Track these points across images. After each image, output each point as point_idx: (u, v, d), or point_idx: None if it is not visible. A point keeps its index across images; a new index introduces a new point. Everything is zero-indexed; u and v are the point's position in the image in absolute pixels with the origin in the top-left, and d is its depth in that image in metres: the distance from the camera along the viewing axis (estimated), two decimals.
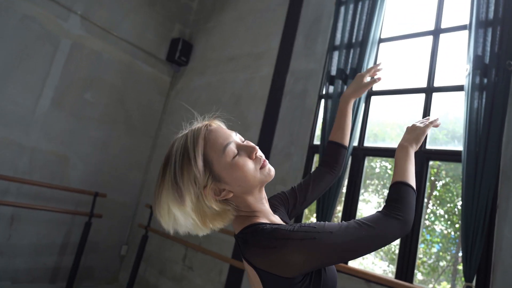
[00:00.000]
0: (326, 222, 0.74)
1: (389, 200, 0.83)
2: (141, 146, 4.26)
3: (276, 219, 0.87)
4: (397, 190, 0.84)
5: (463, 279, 2.00)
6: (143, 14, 4.19)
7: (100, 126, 3.86)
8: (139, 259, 3.44)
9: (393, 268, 2.32)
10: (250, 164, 0.79)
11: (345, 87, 2.78)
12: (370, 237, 0.72)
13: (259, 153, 0.83)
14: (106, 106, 3.90)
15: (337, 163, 1.17)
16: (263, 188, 0.86)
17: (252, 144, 0.82)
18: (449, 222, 3.08)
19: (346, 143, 1.19)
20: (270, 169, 0.83)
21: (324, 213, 2.58)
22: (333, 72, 2.91)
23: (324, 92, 2.95)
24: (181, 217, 0.78)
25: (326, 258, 0.71)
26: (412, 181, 0.86)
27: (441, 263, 3.13)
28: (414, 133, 0.99)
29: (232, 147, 0.80)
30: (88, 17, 3.70)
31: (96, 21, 3.76)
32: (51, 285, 3.51)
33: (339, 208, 2.74)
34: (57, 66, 3.51)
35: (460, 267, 2.03)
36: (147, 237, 3.50)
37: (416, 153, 0.84)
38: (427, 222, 3.22)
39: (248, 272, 0.79)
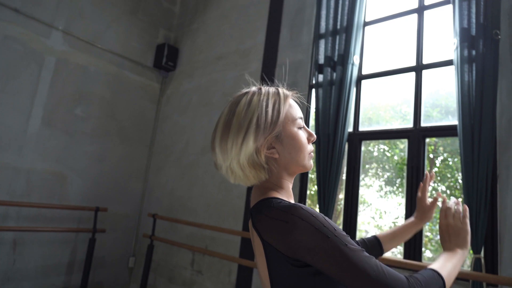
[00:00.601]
0: (349, 236, 0.72)
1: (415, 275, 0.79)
2: (137, 155, 4.24)
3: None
4: (428, 273, 0.77)
5: (471, 251, 2.00)
6: (126, 23, 4.16)
7: (94, 140, 3.83)
8: (147, 269, 3.42)
9: (401, 249, 2.32)
10: (306, 144, 0.87)
11: (334, 74, 2.77)
12: (376, 278, 0.67)
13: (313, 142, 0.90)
14: (97, 119, 3.87)
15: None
16: (294, 177, 0.90)
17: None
18: (452, 197, 3.08)
19: (386, 251, 1.15)
20: (312, 163, 0.89)
21: (326, 202, 2.57)
22: (321, 60, 2.90)
23: (314, 82, 2.94)
24: (235, 152, 0.80)
25: (327, 262, 0.68)
26: (447, 279, 0.79)
27: None
28: (460, 237, 0.95)
29: (301, 122, 0.87)
30: (70, 31, 3.66)
31: (78, 35, 3.72)
32: None
33: (341, 196, 2.72)
34: (44, 84, 3.48)
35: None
36: (152, 246, 3.47)
37: (412, 132, 0.80)
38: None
39: (254, 244, 0.81)
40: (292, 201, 0.84)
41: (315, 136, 0.89)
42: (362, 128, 2.77)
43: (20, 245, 3.28)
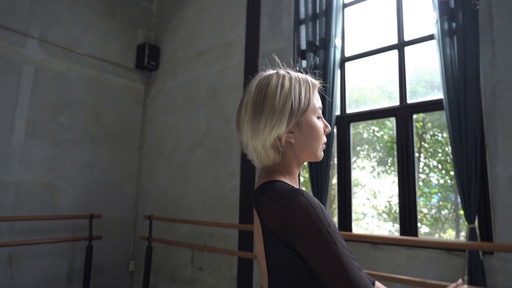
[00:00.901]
0: (343, 241, 0.72)
1: None
2: (127, 159, 4.19)
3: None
4: None
5: (466, 223, 2.01)
6: (103, 26, 4.08)
7: (82, 147, 3.78)
8: (147, 271, 3.40)
9: (398, 226, 2.33)
10: (323, 134, 0.88)
11: (317, 58, 2.75)
12: (356, 284, 0.67)
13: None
14: (83, 126, 3.81)
15: None
16: (301, 166, 0.91)
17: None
18: (443, 171, 3.11)
19: None
20: (323, 154, 0.91)
21: (319, 188, 2.57)
22: (303, 46, 2.88)
23: (297, 69, 2.91)
24: (267, 133, 0.81)
25: (312, 253, 0.69)
26: None
27: (443, 212, 3.17)
28: None
29: (320, 112, 0.89)
30: (47, 39, 3.58)
31: (55, 42, 3.64)
32: None
33: (334, 181, 2.72)
34: (24, 95, 3.41)
35: (462, 212, 2.04)
36: (151, 248, 3.45)
37: (398, 109, 0.77)
38: (422, 176, 3.24)
39: (255, 224, 0.83)
40: (297, 183, 0.86)
41: (330, 128, 0.91)
42: (349, 110, 2.76)
43: (16, 260, 3.23)
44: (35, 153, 3.43)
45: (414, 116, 2.46)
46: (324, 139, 0.89)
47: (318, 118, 0.87)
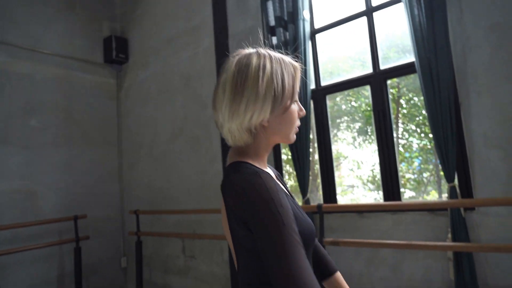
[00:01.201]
0: (294, 225, 0.70)
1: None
2: (106, 156, 4.09)
3: (268, 170, 0.89)
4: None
5: (446, 182, 2.03)
6: (65, 21, 3.90)
7: (57, 149, 3.67)
8: (139, 266, 3.38)
9: (381, 194, 2.35)
10: (297, 118, 0.87)
11: (287, 33, 2.70)
12: (294, 269, 0.64)
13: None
14: (56, 128, 3.69)
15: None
16: (272, 147, 0.90)
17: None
18: (422, 135, 3.13)
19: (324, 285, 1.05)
20: (295, 137, 0.90)
21: (301, 164, 2.56)
22: (272, 22, 2.81)
23: (268, 45, 2.86)
24: (248, 117, 0.80)
25: (260, 233, 0.69)
26: None
27: (425, 175, 3.21)
28: None
29: (297, 96, 0.87)
30: (6, 40, 3.41)
31: (16, 43, 3.47)
32: None
33: (316, 157, 2.72)
34: None
35: (443, 173, 2.06)
36: (140, 242, 3.42)
37: (372, 77, 0.74)
38: (402, 141, 3.26)
39: (221, 205, 0.83)
40: (264, 169, 0.83)
41: (304, 111, 0.89)
42: (324, 82, 2.74)
43: (3, 270, 3.15)
44: (8, 159, 3.32)
45: (388, 81, 2.45)
46: (298, 122, 0.88)
47: (294, 101, 0.85)
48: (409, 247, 1.97)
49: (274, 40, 2.78)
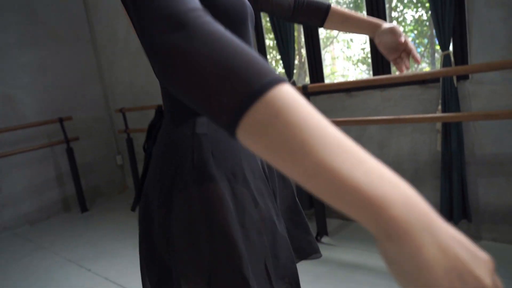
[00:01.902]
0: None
1: None
2: (82, 55, 3.82)
3: None
4: None
5: (439, 47, 1.88)
6: None
7: (27, 50, 3.38)
8: (134, 162, 3.43)
9: (371, 71, 2.22)
10: None
11: None
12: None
13: None
14: (19, 26, 3.33)
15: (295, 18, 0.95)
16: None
17: None
18: (419, 4, 2.85)
19: (325, 28, 0.96)
20: None
21: (285, 48, 2.36)
22: None
23: None
24: None
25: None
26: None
27: (419, 50, 3.03)
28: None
29: None
30: None
31: None
32: (67, 213, 3.61)
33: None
34: None
35: (438, 47, 1.89)
36: (131, 139, 3.41)
37: None
38: (395, 14, 2.99)
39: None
40: None
41: None
42: None
43: None
44: None
45: None
46: None
47: None
48: (397, 122, 1.92)
49: None
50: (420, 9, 2.73)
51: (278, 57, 3.32)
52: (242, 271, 0.56)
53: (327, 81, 2.71)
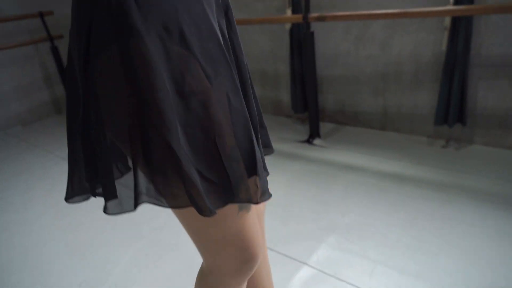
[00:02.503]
0: None
1: None
2: None
3: None
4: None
5: None
6: None
7: None
8: None
9: None
10: None
11: None
12: None
13: None
14: None
15: None
16: None
17: None
18: None
19: None
20: None
21: None
22: None
23: None
24: None
25: None
26: None
27: None
28: None
29: None
30: None
31: None
32: (59, 115, 3.57)
33: None
34: None
35: None
36: None
37: None
38: None
39: None
40: None
41: None
42: None
43: None
44: None
45: None
46: None
47: None
48: (403, 16, 1.77)
49: None
50: None
51: None
52: (166, 139, 0.50)
53: None
